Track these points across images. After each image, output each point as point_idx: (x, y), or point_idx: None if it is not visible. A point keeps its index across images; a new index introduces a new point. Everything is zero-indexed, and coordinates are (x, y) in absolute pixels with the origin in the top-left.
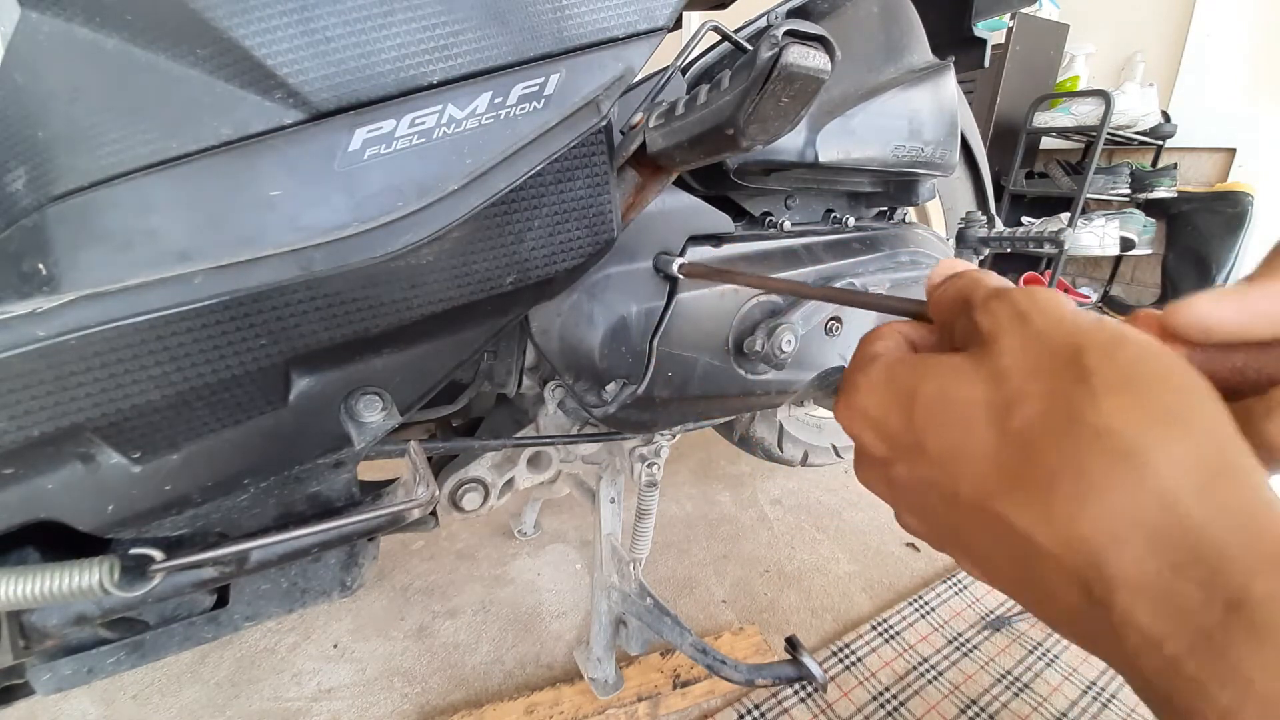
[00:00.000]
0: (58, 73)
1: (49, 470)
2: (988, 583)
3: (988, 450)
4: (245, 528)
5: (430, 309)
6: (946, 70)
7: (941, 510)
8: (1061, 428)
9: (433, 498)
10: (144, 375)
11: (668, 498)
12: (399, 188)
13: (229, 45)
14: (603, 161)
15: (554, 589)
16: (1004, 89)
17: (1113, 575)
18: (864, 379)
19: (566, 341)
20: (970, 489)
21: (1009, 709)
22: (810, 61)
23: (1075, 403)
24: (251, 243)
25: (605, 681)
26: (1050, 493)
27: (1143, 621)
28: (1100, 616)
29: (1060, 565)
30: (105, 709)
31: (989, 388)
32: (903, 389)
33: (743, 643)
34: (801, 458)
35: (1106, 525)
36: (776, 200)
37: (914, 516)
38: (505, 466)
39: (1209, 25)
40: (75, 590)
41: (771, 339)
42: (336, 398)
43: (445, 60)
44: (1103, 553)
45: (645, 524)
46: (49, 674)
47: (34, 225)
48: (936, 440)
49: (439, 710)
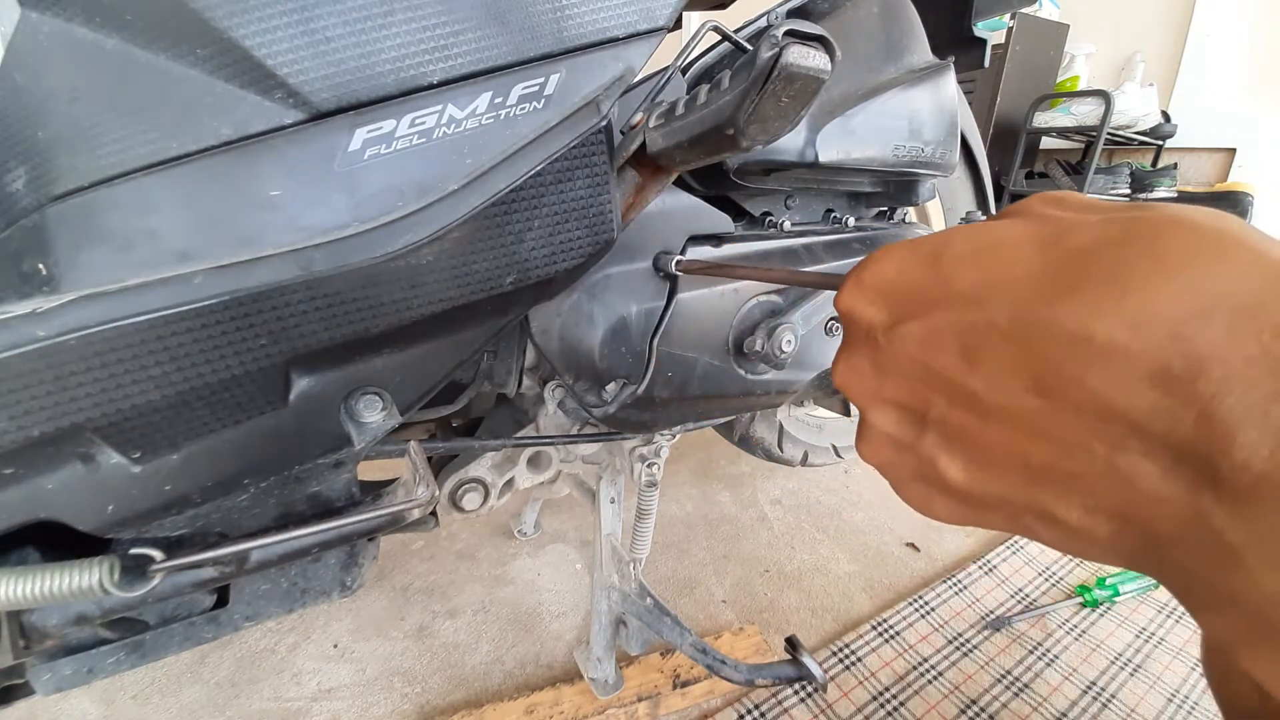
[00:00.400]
0: (58, 73)
1: (49, 470)
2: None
3: (1035, 270)
4: (245, 528)
5: (430, 309)
6: (946, 70)
7: (956, 360)
8: (1128, 234)
9: (433, 498)
10: (144, 375)
11: (668, 498)
12: (399, 188)
13: (229, 45)
14: (603, 161)
15: (554, 589)
16: (1004, 89)
17: (1202, 347)
18: (880, 254)
19: (566, 341)
20: (1011, 310)
21: (1009, 709)
22: (810, 61)
23: (1140, 216)
24: (251, 243)
25: (605, 681)
26: (1121, 283)
27: (1242, 391)
28: (1179, 409)
29: (1130, 357)
30: (105, 709)
31: (1034, 226)
32: (927, 249)
33: (743, 643)
34: (801, 458)
35: (1190, 300)
36: (776, 200)
37: (907, 386)
38: (505, 466)
39: (1209, 25)
40: (75, 590)
41: (771, 339)
42: (336, 398)
43: (445, 60)
44: (1187, 325)
45: (645, 524)
46: (49, 674)
47: (34, 225)
48: (970, 276)
49: (439, 710)
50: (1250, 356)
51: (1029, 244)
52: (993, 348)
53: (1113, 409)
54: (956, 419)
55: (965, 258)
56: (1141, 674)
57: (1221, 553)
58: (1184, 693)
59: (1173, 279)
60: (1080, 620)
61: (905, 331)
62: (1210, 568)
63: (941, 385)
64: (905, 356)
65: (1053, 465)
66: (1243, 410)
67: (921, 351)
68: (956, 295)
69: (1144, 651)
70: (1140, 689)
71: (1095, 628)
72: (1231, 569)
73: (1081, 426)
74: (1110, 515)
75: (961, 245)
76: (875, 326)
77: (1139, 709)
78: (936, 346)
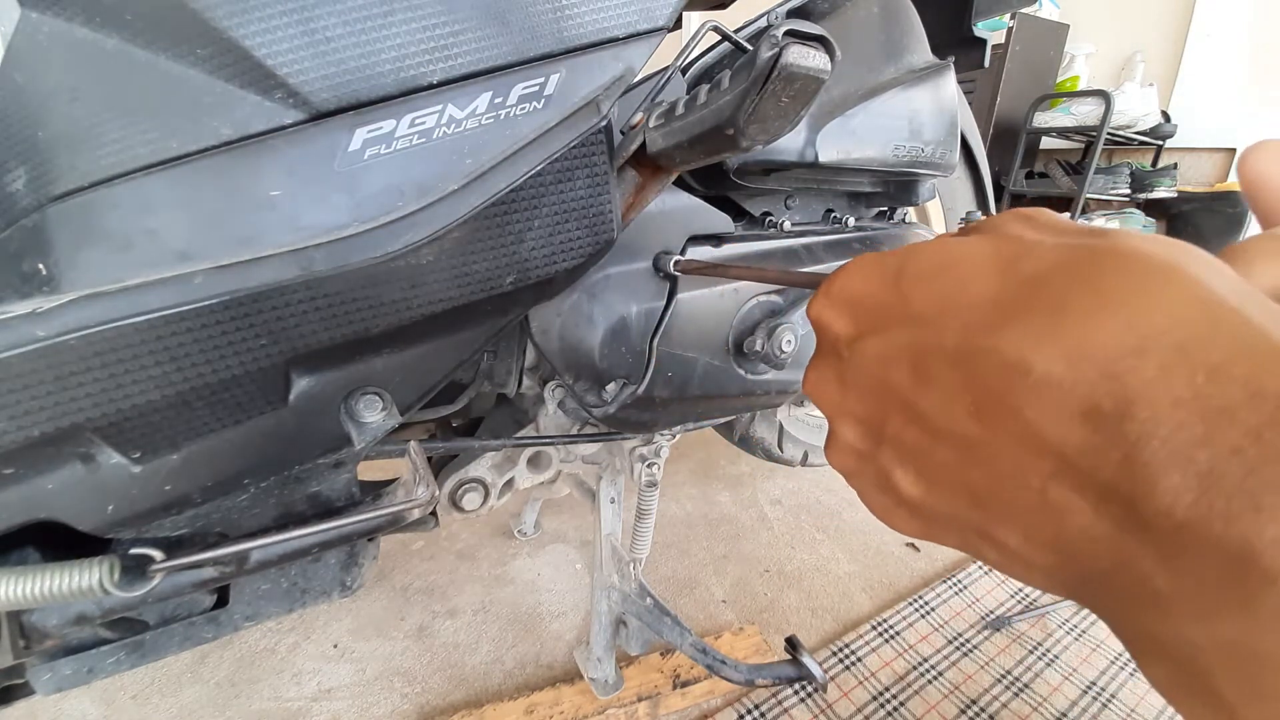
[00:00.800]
0: (58, 73)
1: (49, 470)
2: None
3: (986, 295)
4: (245, 528)
5: (430, 309)
6: (946, 70)
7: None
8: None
9: (433, 498)
10: (144, 375)
11: (668, 498)
12: (399, 188)
13: (229, 45)
14: (603, 161)
15: (554, 589)
16: (1004, 89)
17: (1132, 386)
18: (850, 265)
19: (566, 341)
20: (959, 335)
21: (1009, 709)
22: (810, 61)
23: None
24: (251, 243)
25: (605, 681)
26: (1060, 315)
27: (1167, 434)
28: (1107, 449)
29: (1064, 392)
30: (105, 709)
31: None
32: (892, 264)
33: (743, 643)
34: (801, 458)
35: (1126, 337)
36: (776, 200)
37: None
38: (505, 466)
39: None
40: (75, 590)
41: (771, 339)
42: (336, 398)
43: (445, 60)
44: (1121, 363)
45: (645, 524)
46: (49, 674)
47: (34, 225)
48: (926, 296)
49: (439, 710)
50: (1179, 398)
51: (987, 264)
52: (940, 370)
53: (1046, 442)
54: (910, 437)
55: (924, 276)
56: (1141, 674)
57: (1150, 599)
58: None
59: (1112, 313)
60: (1080, 620)
61: (865, 346)
62: (1141, 613)
63: (896, 402)
64: (864, 371)
65: (993, 492)
66: (1167, 454)
67: (878, 367)
68: (912, 314)
69: None
70: (1140, 689)
71: (1095, 628)
72: (1160, 617)
73: (1017, 457)
74: (1047, 547)
75: (922, 263)
76: (840, 339)
77: (1139, 709)
78: (891, 364)
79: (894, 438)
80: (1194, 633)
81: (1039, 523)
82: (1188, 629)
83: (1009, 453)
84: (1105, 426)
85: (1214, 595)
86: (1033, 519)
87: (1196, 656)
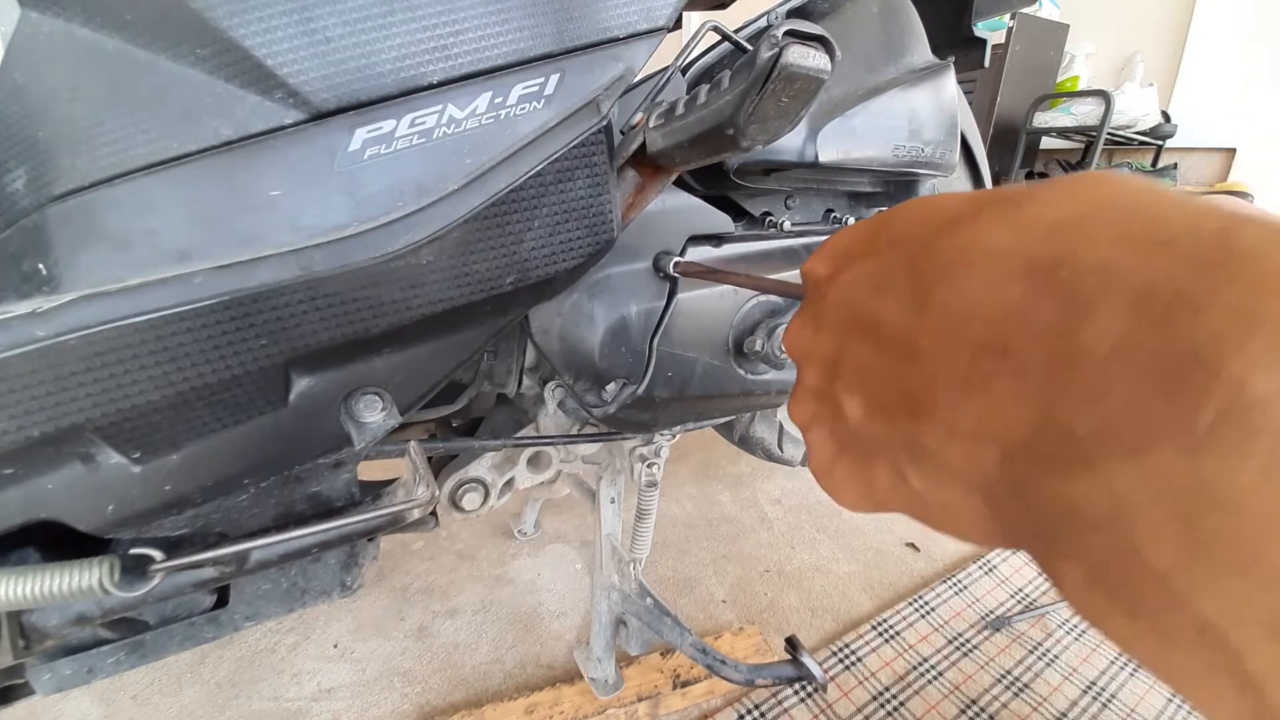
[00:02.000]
0: (58, 73)
1: (49, 470)
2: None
3: (952, 211)
4: (245, 528)
5: (430, 309)
6: (946, 70)
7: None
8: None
9: (433, 498)
10: (144, 375)
11: (668, 498)
12: (399, 188)
13: (229, 45)
14: (603, 161)
15: (554, 589)
16: (1004, 89)
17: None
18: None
19: (566, 341)
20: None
21: (1009, 709)
22: (810, 61)
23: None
24: (251, 243)
25: (605, 681)
26: (1019, 204)
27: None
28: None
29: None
30: (105, 709)
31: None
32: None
33: (743, 643)
34: (801, 458)
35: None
36: (776, 200)
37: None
38: (505, 466)
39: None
40: (75, 590)
41: (771, 339)
42: (336, 398)
43: (445, 60)
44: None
45: (645, 524)
46: (49, 674)
47: (34, 225)
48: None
49: (439, 710)
50: (1115, 238)
51: (960, 198)
52: (896, 274)
53: (983, 312)
54: (862, 357)
55: (900, 214)
56: (1141, 674)
57: (1074, 455)
58: None
59: (1061, 198)
60: (1080, 620)
61: (838, 280)
62: (1061, 482)
63: (855, 324)
64: (833, 302)
65: (926, 384)
66: (1098, 285)
67: (845, 292)
68: (884, 243)
69: None
70: (1140, 689)
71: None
72: (1083, 473)
73: (953, 335)
74: (969, 435)
75: (902, 209)
76: (820, 283)
77: (1139, 709)
78: (857, 285)
79: (849, 365)
80: (1121, 478)
81: (965, 405)
82: (1115, 476)
83: (946, 335)
84: (1043, 277)
85: (1148, 423)
86: (960, 402)
87: (1122, 515)
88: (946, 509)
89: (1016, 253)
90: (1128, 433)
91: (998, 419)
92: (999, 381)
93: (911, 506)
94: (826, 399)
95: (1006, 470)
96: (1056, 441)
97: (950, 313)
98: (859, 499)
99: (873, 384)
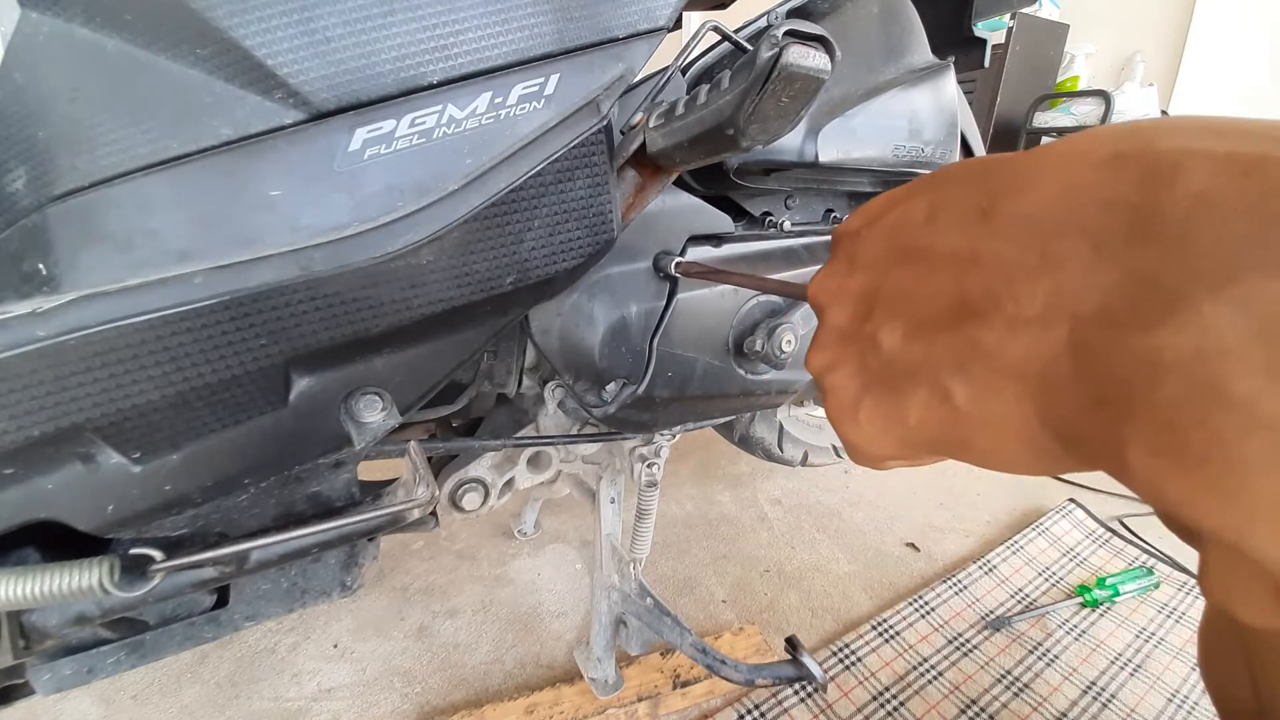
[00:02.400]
0: (58, 73)
1: (49, 470)
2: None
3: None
4: (245, 528)
5: (430, 309)
6: (946, 70)
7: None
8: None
9: (433, 498)
10: (144, 375)
11: (668, 498)
12: (399, 188)
13: (229, 45)
14: (603, 161)
15: (554, 589)
16: (1004, 89)
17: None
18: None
19: (566, 341)
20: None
21: (1009, 709)
22: (810, 61)
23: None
24: (251, 243)
25: (605, 681)
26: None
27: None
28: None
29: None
30: (105, 709)
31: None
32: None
33: (743, 643)
34: (801, 458)
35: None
36: (776, 200)
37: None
38: (505, 466)
39: (1209, 25)
40: (75, 590)
41: (771, 339)
42: (336, 398)
43: (445, 60)
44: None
45: (645, 524)
46: (49, 674)
47: (34, 225)
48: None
49: (439, 710)
50: (1192, 131)
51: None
52: (954, 201)
53: (1064, 201)
54: (908, 281)
55: (959, 164)
56: (1141, 674)
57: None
58: (1184, 693)
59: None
60: (1080, 620)
61: (880, 223)
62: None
63: (901, 252)
64: (875, 240)
65: (990, 283)
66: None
67: (889, 231)
68: (938, 182)
69: (1144, 651)
70: (1140, 689)
71: (1095, 628)
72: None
73: (1027, 230)
74: (1034, 322)
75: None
76: (860, 227)
77: (1139, 709)
78: (905, 220)
79: (890, 294)
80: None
81: (1033, 292)
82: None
83: (1014, 235)
84: (1124, 161)
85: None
86: (1026, 292)
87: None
88: (989, 422)
89: (1096, 150)
90: (1212, 270)
91: (1070, 294)
92: (1072, 261)
93: (947, 430)
94: (853, 338)
95: (1075, 342)
96: (1138, 296)
97: (1018, 216)
98: (883, 435)
99: (920, 304)
